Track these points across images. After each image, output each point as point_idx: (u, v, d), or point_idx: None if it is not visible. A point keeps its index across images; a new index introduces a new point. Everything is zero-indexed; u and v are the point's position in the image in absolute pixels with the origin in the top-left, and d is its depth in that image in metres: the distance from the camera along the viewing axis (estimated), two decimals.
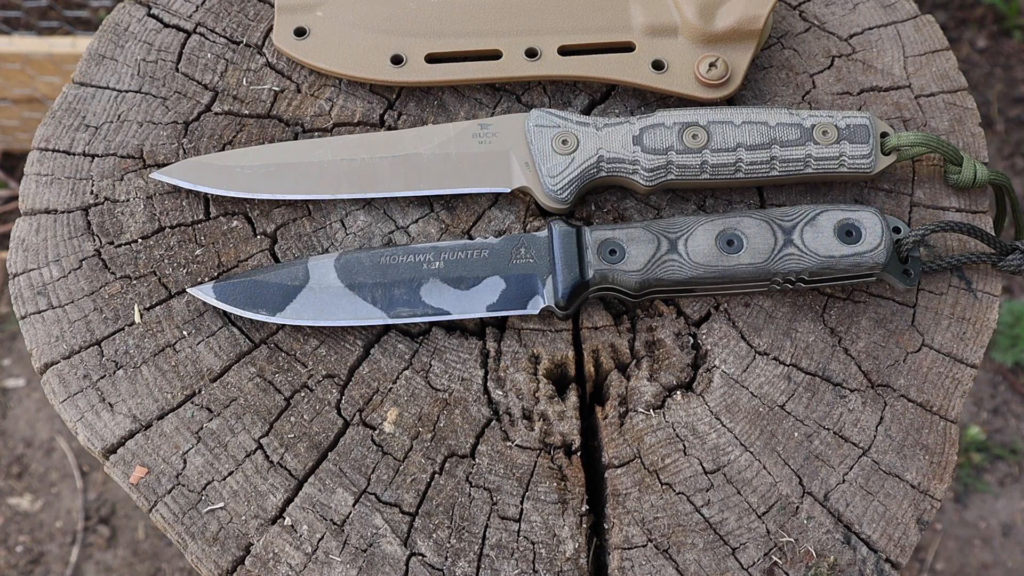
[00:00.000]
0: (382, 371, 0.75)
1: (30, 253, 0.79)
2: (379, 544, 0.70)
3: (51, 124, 0.84)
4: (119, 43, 0.87)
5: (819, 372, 0.75)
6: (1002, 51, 2.11)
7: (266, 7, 0.89)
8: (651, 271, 0.74)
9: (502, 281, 0.75)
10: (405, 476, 0.72)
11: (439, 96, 0.85)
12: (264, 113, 0.84)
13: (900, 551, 0.70)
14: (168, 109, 0.84)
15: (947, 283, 0.79)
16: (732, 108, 0.80)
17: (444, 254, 0.75)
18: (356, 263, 0.75)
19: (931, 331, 0.77)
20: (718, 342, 0.76)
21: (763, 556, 0.70)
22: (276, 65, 0.86)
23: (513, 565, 0.69)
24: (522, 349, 0.75)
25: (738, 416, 0.73)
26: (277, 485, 0.71)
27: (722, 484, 0.71)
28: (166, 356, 0.75)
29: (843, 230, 0.74)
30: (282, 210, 0.80)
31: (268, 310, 0.74)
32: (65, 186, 0.81)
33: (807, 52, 0.87)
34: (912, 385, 0.75)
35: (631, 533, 0.70)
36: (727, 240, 0.74)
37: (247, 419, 0.73)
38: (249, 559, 0.70)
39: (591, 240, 0.74)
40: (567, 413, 0.74)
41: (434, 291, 0.75)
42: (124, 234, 0.79)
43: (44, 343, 0.76)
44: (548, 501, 0.71)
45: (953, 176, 0.81)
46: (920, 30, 0.89)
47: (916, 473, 0.73)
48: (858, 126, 0.78)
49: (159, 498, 0.71)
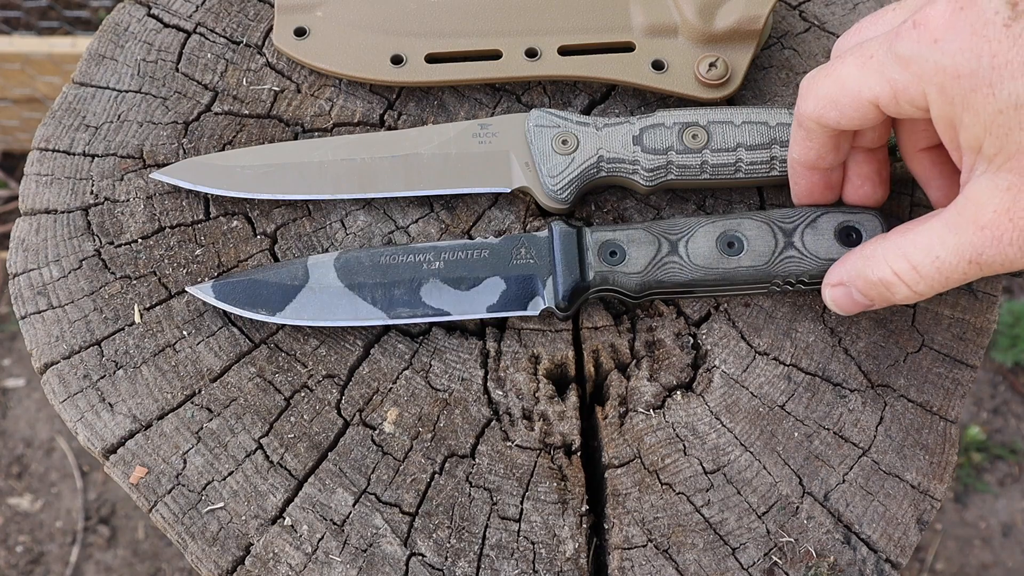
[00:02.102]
0: (382, 371, 0.75)
1: (30, 253, 0.79)
2: (379, 544, 0.70)
3: (51, 124, 0.84)
4: (119, 43, 0.87)
5: (819, 372, 0.75)
6: None
7: (266, 7, 0.89)
8: (651, 273, 0.74)
9: (502, 282, 0.75)
10: (405, 476, 0.72)
11: (439, 96, 0.85)
12: (264, 113, 0.84)
13: (900, 551, 0.70)
14: (168, 109, 0.84)
15: None
16: (732, 108, 0.80)
17: (444, 254, 0.75)
18: (356, 263, 0.75)
19: (931, 331, 0.77)
20: (718, 342, 0.76)
21: (763, 556, 0.70)
22: (276, 65, 0.86)
23: (513, 565, 0.69)
24: (522, 349, 0.75)
25: (738, 416, 0.73)
26: (277, 485, 0.71)
27: (722, 484, 0.71)
28: (166, 356, 0.75)
29: (844, 232, 0.74)
30: (282, 210, 0.80)
31: (268, 310, 0.74)
32: (65, 186, 0.81)
33: (807, 52, 0.87)
34: (912, 385, 0.75)
35: (631, 533, 0.70)
36: (728, 242, 0.74)
37: (247, 419, 0.73)
38: (249, 559, 0.70)
39: (592, 241, 0.74)
40: (567, 413, 0.74)
41: (434, 291, 0.75)
42: (124, 234, 0.79)
43: (44, 343, 0.76)
44: (548, 501, 0.71)
45: None
46: None
47: (916, 473, 0.73)
48: None
49: (159, 498, 0.71)
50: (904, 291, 0.65)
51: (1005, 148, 0.58)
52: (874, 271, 0.66)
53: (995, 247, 0.60)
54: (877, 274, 0.66)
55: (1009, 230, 0.59)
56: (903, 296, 0.65)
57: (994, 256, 0.60)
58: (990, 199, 0.60)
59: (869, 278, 0.67)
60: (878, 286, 0.66)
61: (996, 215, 0.59)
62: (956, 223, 0.61)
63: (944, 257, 0.62)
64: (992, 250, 0.60)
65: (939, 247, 0.62)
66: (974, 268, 0.61)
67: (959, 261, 0.61)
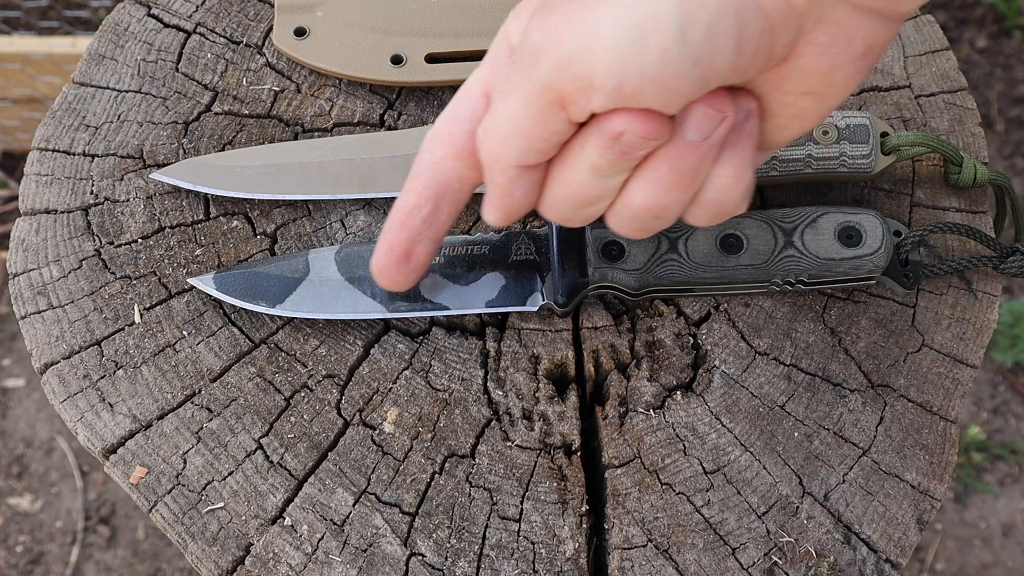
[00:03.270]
0: (382, 371, 0.75)
1: (30, 253, 0.79)
2: (379, 544, 0.70)
3: (51, 124, 0.84)
4: (119, 43, 0.87)
5: (819, 372, 0.75)
6: (1002, 51, 2.11)
7: (266, 7, 0.89)
8: (651, 270, 0.74)
9: (501, 277, 0.75)
10: (405, 476, 0.72)
11: (439, 96, 0.85)
12: (264, 113, 0.84)
13: (900, 551, 0.70)
14: (168, 109, 0.84)
15: (947, 283, 0.79)
16: None
17: (444, 249, 0.76)
18: (356, 256, 0.76)
19: (931, 331, 0.77)
20: (718, 342, 0.76)
21: (763, 556, 0.70)
22: (276, 65, 0.86)
23: (513, 565, 0.69)
24: (522, 349, 0.75)
25: (738, 416, 0.73)
26: (277, 485, 0.71)
27: (722, 484, 0.71)
28: (166, 356, 0.75)
29: (844, 233, 0.74)
30: (282, 210, 0.80)
31: (268, 302, 0.74)
32: (65, 186, 0.81)
33: None
34: (912, 385, 0.75)
35: (631, 533, 0.70)
36: (727, 240, 0.74)
37: (247, 419, 0.73)
38: (249, 559, 0.70)
39: (592, 238, 0.74)
40: (567, 413, 0.74)
41: (433, 286, 0.75)
42: (124, 234, 0.79)
43: (44, 343, 0.76)
44: (548, 501, 0.71)
45: (953, 176, 0.81)
46: (920, 30, 0.89)
47: (916, 473, 0.73)
48: (858, 126, 0.78)
49: (159, 498, 0.71)
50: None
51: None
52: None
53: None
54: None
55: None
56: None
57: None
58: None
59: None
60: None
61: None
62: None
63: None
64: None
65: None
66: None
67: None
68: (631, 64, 0.48)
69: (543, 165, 0.56)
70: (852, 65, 0.52)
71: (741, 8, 0.48)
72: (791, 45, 0.51)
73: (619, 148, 0.52)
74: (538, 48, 0.50)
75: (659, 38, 0.47)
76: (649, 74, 0.48)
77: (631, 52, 0.48)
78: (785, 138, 0.57)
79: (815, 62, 0.52)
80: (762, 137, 0.57)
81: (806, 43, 0.51)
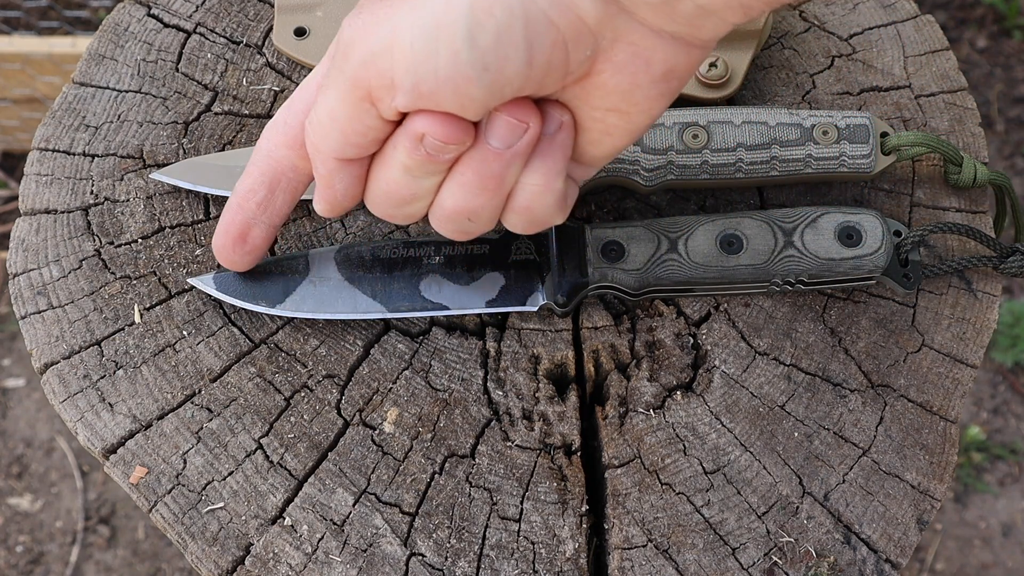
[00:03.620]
0: (382, 371, 0.75)
1: (30, 253, 0.79)
2: (379, 544, 0.70)
3: (51, 124, 0.84)
4: (119, 43, 0.87)
5: (819, 372, 0.75)
6: (1002, 51, 2.11)
7: (266, 7, 0.89)
8: (650, 270, 0.74)
9: (501, 277, 0.75)
10: (405, 476, 0.72)
11: None
12: (264, 113, 0.84)
13: (900, 551, 0.70)
14: (168, 109, 0.84)
15: (947, 283, 0.79)
16: (732, 108, 0.80)
17: (444, 249, 0.76)
18: (356, 256, 0.76)
19: (931, 331, 0.77)
20: (718, 342, 0.76)
21: (763, 556, 0.70)
22: (276, 65, 0.86)
23: (513, 565, 0.69)
24: (522, 349, 0.75)
25: (738, 416, 0.73)
26: (277, 485, 0.71)
27: (722, 484, 0.71)
28: (166, 356, 0.75)
29: (844, 233, 0.74)
30: None
31: (268, 302, 0.74)
32: (65, 186, 0.81)
33: (807, 52, 0.87)
34: (912, 385, 0.75)
35: (631, 533, 0.70)
36: (727, 241, 0.74)
37: (247, 419, 0.73)
38: (249, 559, 0.70)
39: (591, 238, 0.74)
40: (567, 413, 0.74)
41: (433, 286, 0.75)
42: (124, 234, 0.79)
43: (44, 343, 0.76)
44: (548, 501, 0.71)
45: (953, 176, 0.81)
46: (920, 30, 0.89)
47: (916, 473, 0.73)
48: (858, 126, 0.78)
49: (159, 498, 0.71)
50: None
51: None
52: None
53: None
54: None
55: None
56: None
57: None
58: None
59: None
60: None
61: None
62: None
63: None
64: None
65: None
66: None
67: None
68: (425, 64, 0.49)
69: (365, 160, 0.57)
70: (652, 86, 0.53)
71: (531, 19, 0.49)
72: (590, 61, 0.52)
73: (424, 150, 0.53)
74: (348, 44, 0.52)
75: (450, 41, 0.48)
76: (442, 76, 0.49)
77: (424, 52, 0.49)
78: (601, 153, 0.58)
79: (614, 80, 0.52)
80: (578, 151, 0.58)
81: (605, 60, 0.52)
